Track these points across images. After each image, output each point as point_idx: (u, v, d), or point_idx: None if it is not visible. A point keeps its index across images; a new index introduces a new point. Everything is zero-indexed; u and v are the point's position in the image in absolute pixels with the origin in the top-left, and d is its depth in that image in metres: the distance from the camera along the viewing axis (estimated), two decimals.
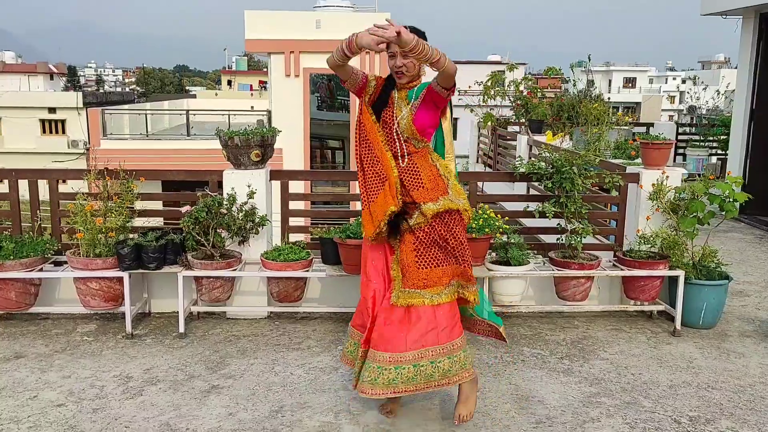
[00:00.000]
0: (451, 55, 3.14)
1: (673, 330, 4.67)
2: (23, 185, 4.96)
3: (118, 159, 5.45)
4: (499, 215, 4.77)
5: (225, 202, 4.60)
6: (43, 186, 4.99)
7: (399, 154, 3.30)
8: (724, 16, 9.61)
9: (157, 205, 7.13)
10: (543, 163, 4.96)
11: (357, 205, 3.39)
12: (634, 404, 3.62)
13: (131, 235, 4.59)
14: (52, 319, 4.79)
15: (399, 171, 3.28)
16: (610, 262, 4.97)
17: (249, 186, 4.66)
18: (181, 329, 4.49)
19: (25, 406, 3.52)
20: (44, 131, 31.60)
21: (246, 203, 4.65)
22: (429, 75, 3.31)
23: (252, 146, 4.69)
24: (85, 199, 4.62)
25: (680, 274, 4.67)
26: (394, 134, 3.29)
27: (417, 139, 3.30)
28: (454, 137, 3.56)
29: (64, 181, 5.17)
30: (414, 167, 3.30)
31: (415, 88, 3.33)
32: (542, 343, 4.46)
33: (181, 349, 4.28)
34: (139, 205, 4.93)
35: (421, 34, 3.19)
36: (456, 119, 34.73)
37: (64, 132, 31.43)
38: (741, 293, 5.63)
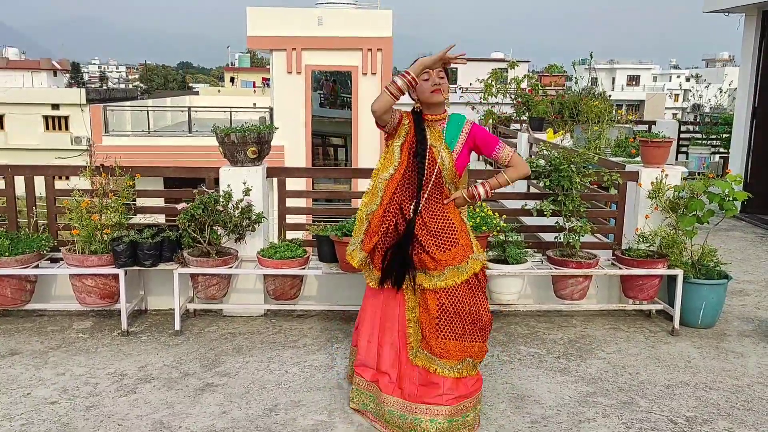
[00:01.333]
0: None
1: (671, 329, 4.64)
2: (19, 181, 4.94)
3: (119, 155, 5.44)
4: (497, 213, 4.74)
5: (221, 199, 4.58)
6: (39, 182, 4.97)
7: (433, 202, 3.20)
8: (727, 14, 9.55)
9: (159, 202, 7.13)
10: (542, 161, 4.93)
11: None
12: (631, 404, 3.60)
13: (127, 232, 4.57)
14: (48, 315, 4.78)
15: (432, 223, 3.16)
16: (608, 260, 4.94)
17: (244, 183, 4.64)
18: (177, 327, 4.47)
19: (19, 403, 3.50)
20: (47, 128, 31.61)
21: (242, 200, 4.63)
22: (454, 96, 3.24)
23: (248, 143, 4.67)
24: (81, 196, 4.60)
25: (679, 273, 4.63)
26: (434, 176, 3.16)
27: (453, 184, 3.22)
28: None
29: (67, 178, 5.15)
30: (449, 220, 3.19)
31: (450, 125, 3.21)
32: (539, 342, 4.44)
33: (176, 347, 4.27)
34: (139, 202, 4.92)
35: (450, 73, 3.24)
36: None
37: (67, 128, 31.44)
38: (741, 292, 5.60)
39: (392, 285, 3.21)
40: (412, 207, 3.17)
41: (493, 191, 3.36)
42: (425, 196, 3.17)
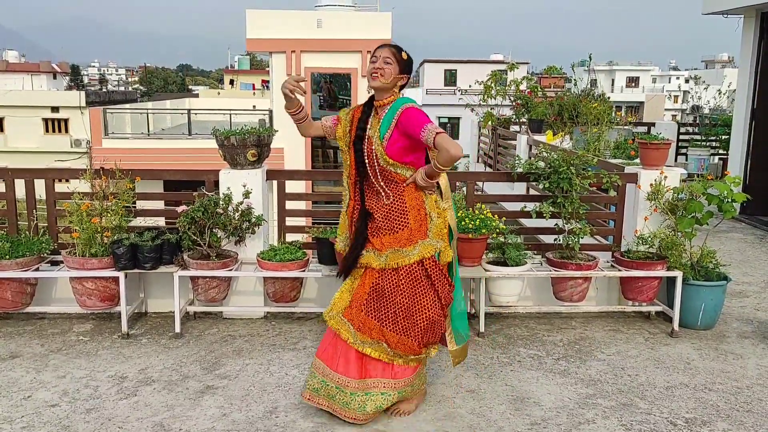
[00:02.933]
0: (453, 53, 3.15)
1: (671, 331, 4.65)
2: (20, 184, 4.95)
3: (119, 158, 5.45)
4: (495, 215, 4.75)
5: (221, 202, 4.58)
6: (39, 185, 4.98)
7: (381, 190, 3.28)
8: (725, 16, 9.58)
9: (159, 204, 7.13)
10: (541, 163, 4.94)
11: None
12: (630, 406, 3.60)
13: (127, 235, 4.58)
14: (48, 318, 4.78)
15: (381, 207, 3.28)
16: (608, 262, 4.94)
17: (244, 186, 4.65)
18: (177, 329, 4.48)
19: (19, 406, 3.51)
20: (47, 130, 31.64)
21: (242, 203, 4.64)
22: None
23: (248, 146, 4.68)
24: (81, 199, 4.61)
25: (678, 274, 4.64)
26: (376, 166, 3.25)
27: (400, 167, 3.23)
28: (456, 136, 3.53)
29: (67, 181, 5.15)
30: (402, 203, 3.26)
31: (389, 111, 3.25)
32: (539, 344, 4.45)
33: (176, 349, 4.27)
34: (139, 204, 4.92)
35: (404, 50, 3.28)
36: (457, 119, 34.83)
37: (67, 131, 31.46)
38: (740, 294, 5.61)
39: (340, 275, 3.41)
40: (357, 195, 3.35)
41: (428, 179, 3.23)
42: (372, 181, 3.29)
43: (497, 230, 4.66)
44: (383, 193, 3.29)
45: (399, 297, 3.22)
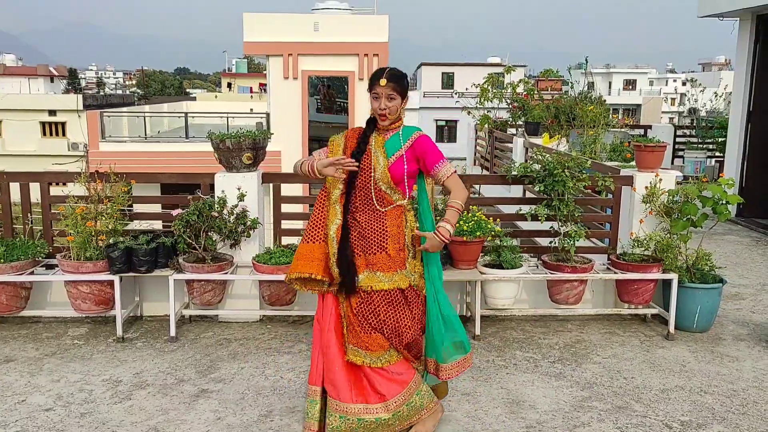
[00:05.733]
0: (450, 56, 3.12)
1: (666, 334, 4.65)
2: (15, 188, 4.94)
3: (115, 161, 5.44)
4: (490, 218, 4.75)
5: (216, 206, 4.58)
6: (35, 188, 4.97)
7: (368, 207, 3.18)
8: (721, 18, 9.59)
9: (156, 208, 7.11)
10: (536, 166, 4.94)
11: None
12: (626, 409, 3.60)
13: (122, 238, 4.57)
14: (43, 322, 4.77)
15: (364, 226, 3.16)
16: (603, 265, 4.94)
17: (239, 189, 4.65)
18: (172, 333, 4.47)
19: (13, 410, 3.50)
20: (44, 134, 31.65)
21: (236, 206, 4.63)
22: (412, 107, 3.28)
23: (243, 149, 4.68)
24: (76, 202, 4.60)
25: (674, 277, 4.64)
26: (371, 183, 3.16)
27: (393, 190, 3.17)
28: (453, 139, 3.52)
29: (64, 184, 5.14)
30: (383, 226, 3.16)
31: (399, 134, 3.22)
32: (535, 347, 4.44)
33: (171, 353, 4.26)
34: (136, 208, 4.91)
35: (403, 76, 3.22)
36: (454, 122, 34.86)
37: (64, 134, 31.47)
38: (736, 296, 5.61)
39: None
40: (342, 207, 3.21)
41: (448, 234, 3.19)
42: (360, 196, 3.18)
43: (492, 233, 4.66)
44: (365, 212, 3.19)
45: (383, 315, 3.13)
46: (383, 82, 3.12)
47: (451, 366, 3.27)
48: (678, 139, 14.01)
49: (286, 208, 5.11)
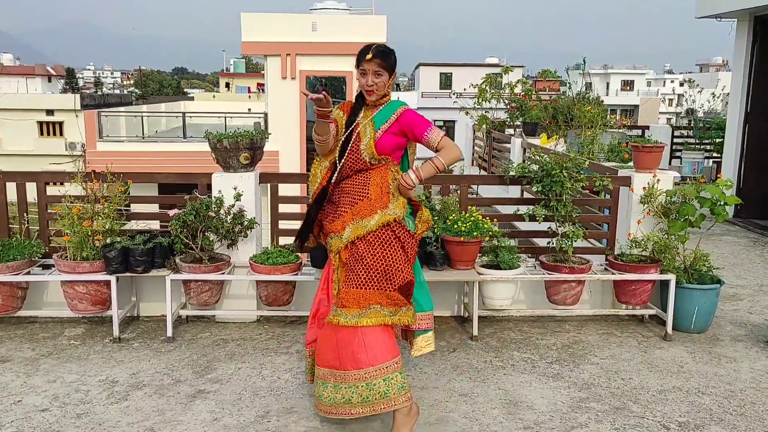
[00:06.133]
0: (448, 57, 3.18)
1: (664, 334, 4.65)
2: (11, 187, 4.92)
3: (113, 161, 5.42)
4: (488, 218, 4.74)
5: (213, 206, 4.57)
6: (31, 188, 4.95)
7: (356, 168, 3.38)
8: (719, 19, 9.60)
9: (154, 207, 7.09)
10: (534, 166, 4.94)
11: None
12: (623, 409, 3.59)
13: (119, 238, 4.56)
14: (40, 322, 4.76)
15: (348, 189, 3.36)
16: (601, 265, 4.94)
17: (236, 189, 4.64)
18: (169, 333, 4.46)
19: (9, 411, 3.48)
20: (42, 133, 31.61)
21: (234, 206, 4.62)
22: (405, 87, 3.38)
23: (241, 149, 4.67)
24: (72, 202, 4.59)
25: (671, 278, 4.64)
26: (360, 153, 3.36)
27: (376, 160, 3.37)
28: (451, 139, 3.55)
29: (62, 184, 5.12)
30: (366, 178, 3.35)
31: (384, 108, 3.37)
32: (532, 348, 4.44)
33: (168, 354, 4.25)
34: (133, 207, 4.90)
35: (390, 52, 3.32)
36: (452, 122, 34.75)
37: (61, 134, 31.43)
38: (734, 297, 5.61)
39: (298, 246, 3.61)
40: (329, 176, 3.45)
41: (425, 177, 3.37)
42: (348, 166, 3.37)
43: (490, 233, 4.65)
44: (353, 177, 3.38)
45: (371, 261, 3.16)
46: (369, 56, 3.24)
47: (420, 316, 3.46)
48: (675, 140, 14.03)
49: (283, 208, 5.10)
